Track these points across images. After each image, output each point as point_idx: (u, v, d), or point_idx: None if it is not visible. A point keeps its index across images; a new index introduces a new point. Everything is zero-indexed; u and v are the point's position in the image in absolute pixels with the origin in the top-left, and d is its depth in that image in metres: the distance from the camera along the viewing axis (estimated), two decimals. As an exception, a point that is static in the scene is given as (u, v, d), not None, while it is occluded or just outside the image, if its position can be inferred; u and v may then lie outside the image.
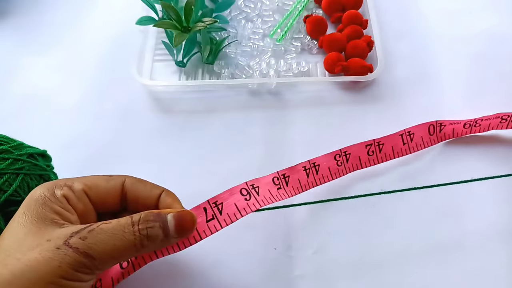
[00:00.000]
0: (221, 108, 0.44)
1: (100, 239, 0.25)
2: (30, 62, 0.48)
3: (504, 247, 0.35)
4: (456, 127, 0.40)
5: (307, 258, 0.35)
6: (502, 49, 0.47)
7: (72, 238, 0.25)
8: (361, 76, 0.43)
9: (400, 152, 0.39)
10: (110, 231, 0.25)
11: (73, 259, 0.24)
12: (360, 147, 0.38)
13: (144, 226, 0.26)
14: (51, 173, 0.35)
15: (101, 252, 0.25)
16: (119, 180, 0.29)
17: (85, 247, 0.24)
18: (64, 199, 0.27)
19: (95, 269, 0.25)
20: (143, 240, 0.26)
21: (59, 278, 0.24)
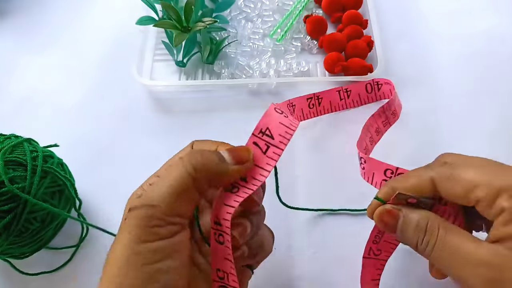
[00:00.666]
0: (221, 108, 0.44)
1: (153, 188, 0.24)
2: (30, 62, 0.48)
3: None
4: (391, 87, 0.41)
5: (307, 258, 0.35)
6: (502, 49, 0.47)
7: (131, 203, 0.23)
8: (361, 76, 0.43)
9: (338, 106, 0.41)
10: (161, 177, 0.24)
11: (137, 217, 0.22)
12: (301, 100, 0.39)
13: (192, 156, 0.25)
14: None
15: (160, 196, 0.23)
16: (187, 148, 0.29)
17: (144, 200, 0.23)
18: (140, 189, 0.25)
19: (165, 217, 0.23)
20: (195, 166, 0.24)
21: (137, 245, 0.22)
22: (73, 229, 0.37)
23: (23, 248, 0.33)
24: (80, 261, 0.36)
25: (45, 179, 0.32)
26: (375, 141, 0.38)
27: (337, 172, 0.40)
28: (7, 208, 0.30)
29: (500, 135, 0.41)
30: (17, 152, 0.32)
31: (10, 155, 0.32)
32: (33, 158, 0.32)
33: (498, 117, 0.42)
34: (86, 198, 0.38)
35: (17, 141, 0.33)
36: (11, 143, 0.32)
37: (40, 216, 0.32)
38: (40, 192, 0.32)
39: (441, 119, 0.42)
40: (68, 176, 0.35)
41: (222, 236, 0.25)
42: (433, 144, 0.41)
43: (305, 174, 0.40)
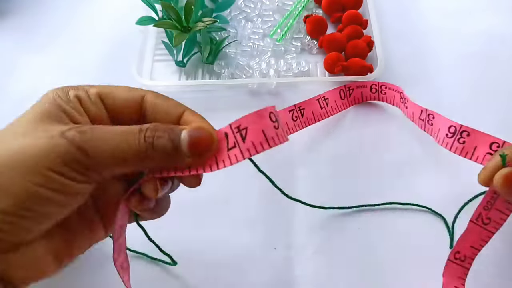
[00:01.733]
0: (221, 108, 0.44)
1: (99, 137, 0.22)
2: (30, 62, 0.48)
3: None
4: (364, 90, 0.43)
5: (307, 258, 0.35)
6: (502, 49, 0.47)
7: (70, 131, 0.22)
8: (361, 76, 0.43)
9: (319, 116, 0.41)
10: (113, 131, 0.23)
11: (65, 150, 0.21)
12: (284, 113, 0.39)
13: (151, 134, 0.23)
14: None
15: (98, 149, 0.22)
16: (140, 92, 0.26)
17: (81, 141, 0.22)
18: (76, 100, 0.25)
19: (88, 169, 0.22)
20: (148, 148, 0.23)
21: (47, 170, 0.21)
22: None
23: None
24: (79, 262, 0.36)
25: None
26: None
27: (336, 171, 0.40)
28: None
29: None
30: None
31: None
32: None
33: (498, 117, 0.42)
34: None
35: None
36: None
37: None
38: None
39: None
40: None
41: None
42: (433, 144, 0.41)
43: (304, 174, 0.40)
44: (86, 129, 0.22)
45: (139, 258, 0.35)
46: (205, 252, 0.35)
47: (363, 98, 0.43)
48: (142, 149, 0.23)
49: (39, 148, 0.21)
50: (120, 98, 0.26)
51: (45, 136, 0.22)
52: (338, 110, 0.42)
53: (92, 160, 0.22)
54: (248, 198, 0.38)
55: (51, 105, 0.24)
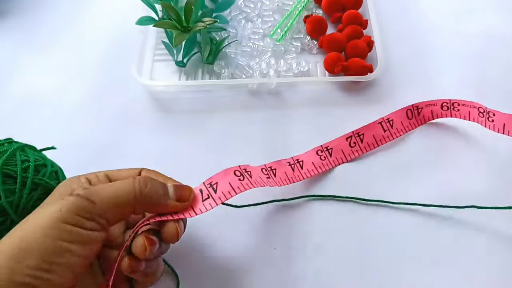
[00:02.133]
0: (221, 108, 0.44)
1: (102, 188, 0.27)
2: (30, 62, 0.48)
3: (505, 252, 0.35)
4: (434, 108, 0.41)
5: (307, 258, 0.35)
6: (502, 49, 0.47)
7: (76, 190, 0.26)
8: (361, 76, 0.43)
9: (383, 139, 0.40)
10: (113, 183, 0.28)
11: (73, 202, 0.25)
12: (341, 140, 0.39)
13: (144, 180, 0.28)
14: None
15: (102, 197, 0.26)
16: (137, 169, 0.32)
17: (87, 193, 0.26)
18: (85, 180, 0.29)
19: (96, 215, 0.26)
20: (142, 190, 0.27)
21: (62, 223, 0.24)
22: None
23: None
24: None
25: (36, 191, 0.31)
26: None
27: (337, 171, 0.40)
28: None
29: (500, 135, 0.41)
30: (8, 162, 0.31)
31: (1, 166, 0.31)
32: (24, 169, 0.31)
33: (498, 117, 0.42)
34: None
35: (11, 151, 0.32)
36: (5, 153, 0.31)
37: None
38: (29, 205, 0.31)
39: (441, 119, 0.42)
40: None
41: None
42: (433, 144, 0.41)
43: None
44: (88, 186, 0.27)
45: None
46: (205, 252, 0.35)
47: (433, 116, 0.41)
48: (137, 191, 0.27)
49: (53, 208, 0.25)
50: (123, 175, 0.31)
51: (56, 200, 0.26)
52: (405, 131, 0.40)
53: (98, 206, 0.26)
54: (248, 198, 0.38)
55: (64, 188, 0.28)
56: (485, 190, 0.38)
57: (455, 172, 0.39)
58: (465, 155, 0.40)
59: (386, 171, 0.39)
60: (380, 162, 0.40)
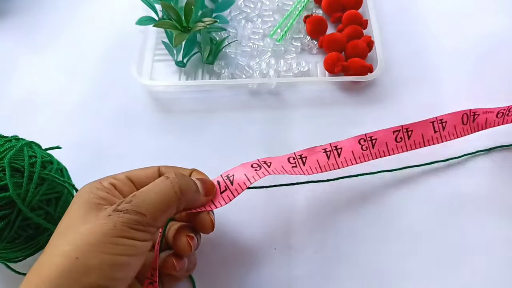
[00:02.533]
0: (221, 108, 0.44)
1: (144, 197, 0.27)
2: (30, 62, 0.48)
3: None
4: (489, 116, 0.38)
5: (307, 258, 0.35)
6: (502, 49, 0.47)
7: (120, 205, 0.26)
8: (361, 76, 0.43)
9: (431, 140, 0.37)
10: (150, 189, 0.28)
11: (126, 218, 0.26)
12: (387, 133, 0.37)
13: (179, 179, 0.29)
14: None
15: (149, 207, 0.27)
16: (155, 167, 0.32)
17: (133, 206, 0.26)
18: (110, 186, 0.29)
19: (147, 225, 0.26)
20: (182, 189, 0.28)
21: (117, 237, 0.25)
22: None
23: (16, 253, 0.33)
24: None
25: (42, 186, 0.32)
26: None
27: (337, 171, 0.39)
28: (1, 214, 0.30)
29: (499, 135, 0.41)
30: (16, 157, 0.32)
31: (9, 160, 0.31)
32: (31, 164, 0.32)
33: None
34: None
35: (19, 146, 0.32)
36: (13, 148, 0.32)
37: (34, 223, 0.32)
38: (36, 199, 0.31)
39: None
40: (67, 182, 0.34)
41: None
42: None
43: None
44: (130, 198, 0.27)
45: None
46: (205, 253, 0.35)
47: (487, 125, 0.38)
48: (177, 190, 0.28)
49: (104, 226, 0.25)
50: (142, 175, 0.31)
51: (103, 217, 0.26)
52: (457, 136, 0.38)
53: (148, 216, 0.26)
54: (248, 198, 0.38)
55: (90, 194, 0.28)
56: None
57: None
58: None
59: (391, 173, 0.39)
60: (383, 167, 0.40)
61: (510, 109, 0.37)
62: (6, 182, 0.30)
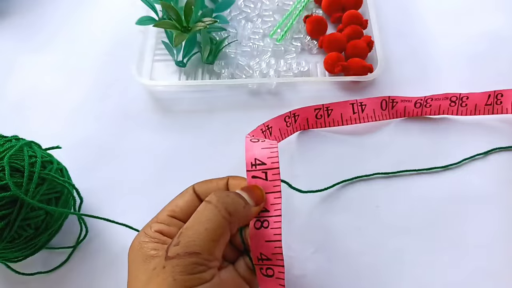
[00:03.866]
0: (221, 108, 0.44)
1: (191, 234, 0.25)
2: (30, 62, 0.48)
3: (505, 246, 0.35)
4: (408, 105, 0.41)
5: (307, 258, 0.35)
6: (502, 49, 0.47)
7: (169, 251, 0.24)
8: (361, 76, 0.43)
9: (350, 120, 0.40)
10: (195, 222, 0.25)
11: (182, 265, 0.24)
12: (308, 110, 0.39)
13: (221, 199, 0.26)
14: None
15: (200, 242, 0.24)
16: (189, 190, 0.30)
17: (184, 248, 0.24)
18: (156, 234, 0.27)
19: (207, 262, 0.24)
20: (230, 211, 0.26)
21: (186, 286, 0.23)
22: (72, 229, 0.37)
23: (16, 253, 0.33)
24: (77, 263, 0.36)
25: (42, 186, 0.32)
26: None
27: (337, 171, 0.40)
28: (1, 214, 0.30)
29: (500, 135, 0.41)
30: (16, 157, 0.32)
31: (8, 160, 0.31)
32: (31, 164, 0.32)
33: (498, 117, 0.42)
34: (86, 198, 0.38)
35: (18, 146, 0.32)
36: (13, 147, 0.32)
37: (34, 223, 0.32)
38: (36, 199, 0.31)
39: (441, 118, 0.42)
40: (67, 182, 0.34)
41: (271, 269, 0.27)
42: (433, 144, 0.41)
43: (304, 173, 0.40)
44: (176, 240, 0.25)
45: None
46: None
47: (405, 113, 0.41)
48: (224, 214, 0.26)
49: (164, 283, 0.23)
50: (182, 205, 0.29)
51: (159, 272, 0.24)
52: (374, 119, 0.41)
53: (203, 253, 0.24)
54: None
55: (142, 249, 0.26)
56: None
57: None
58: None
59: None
60: (383, 165, 0.40)
61: (427, 100, 0.40)
62: (6, 181, 0.30)
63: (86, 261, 0.36)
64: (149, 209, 0.30)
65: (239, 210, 0.26)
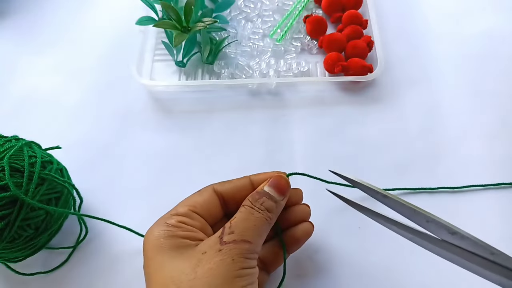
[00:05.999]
0: (221, 108, 0.44)
1: (243, 227, 0.28)
2: (30, 62, 0.48)
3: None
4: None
5: (307, 258, 0.35)
6: (502, 49, 0.47)
7: (224, 237, 0.27)
8: (361, 76, 0.43)
9: None
10: (243, 219, 0.28)
11: (239, 249, 0.26)
12: None
13: (258, 204, 0.29)
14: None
15: (251, 235, 0.27)
16: (208, 189, 0.31)
17: (239, 236, 0.27)
18: (182, 224, 0.29)
19: (255, 252, 0.27)
20: (267, 212, 0.29)
21: (239, 270, 0.26)
22: (72, 229, 0.37)
23: (16, 253, 0.33)
24: (77, 263, 0.36)
25: (42, 186, 0.32)
26: None
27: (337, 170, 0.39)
28: (1, 214, 0.30)
29: (500, 135, 0.41)
30: (16, 157, 0.32)
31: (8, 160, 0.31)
32: (31, 164, 0.32)
33: (498, 117, 0.42)
34: (86, 198, 0.38)
35: (18, 146, 0.32)
36: (13, 147, 0.32)
37: (34, 224, 0.32)
38: (36, 199, 0.31)
39: (441, 119, 0.42)
40: (67, 182, 0.34)
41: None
42: (433, 144, 0.41)
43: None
44: (229, 230, 0.27)
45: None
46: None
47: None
48: (266, 216, 0.29)
49: (224, 264, 0.26)
50: (202, 202, 0.30)
51: (215, 254, 0.26)
52: None
53: (253, 244, 0.27)
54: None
55: (171, 239, 0.28)
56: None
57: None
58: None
59: (388, 172, 0.39)
60: (383, 163, 0.40)
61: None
62: (6, 182, 0.30)
63: (86, 261, 0.36)
64: (149, 208, 0.30)
65: (273, 210, 0.29)
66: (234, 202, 0.31)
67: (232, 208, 0.31)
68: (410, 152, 0.40)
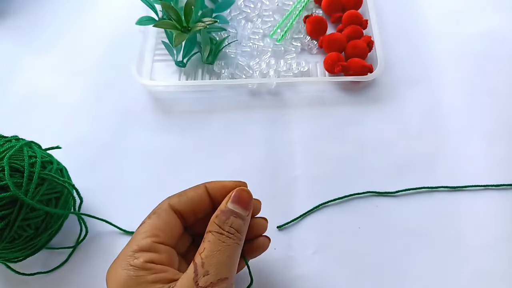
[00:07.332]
0: (221, 108, 0.44)
1: (217, 262, 0.26)
2: (30, 62, 0.48)
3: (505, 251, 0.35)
4: None
5: (307, 258, 0.35)
6: (502, 49, 0.47)
7: (199, 281, 0.25)
8: (361, 76, 0.43)
9: None
10: (215, 251, 0.26)
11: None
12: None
13: (227, 227, 0.28)
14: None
15: (228, 270, 0.26)
16: (165, 207, 0.30)
17: (215, 276, 0.25)
18: (150, 265, 0.26)
19: (233, 283, 0.27)
20: (238, 233, 0.28)
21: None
22: (72, 229, 0.37)
23: (16, 253, 0.33)
24: (77, 263, 0.36)
25: (42, 186, 0.32)
26: None
27: (336, 170, 0.40)
28: (1, 214, 0.30)
29: (500, 135, 0.41)
30: (16, 157, 0.32)
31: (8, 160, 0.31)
32: (31, 164, 0.32)
33: (498, 117, 0.42)
34: (86, 198, 0.38)
35: (18, 146, 0.32)
36: (13, 148, 0.32)
37: (34, 224, 0.32)
38: (36, 199, 0.31)
39: (441, 119, 0.42)
40: (67, 182, 0.34)
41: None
42: (433, 144, 0.41)
43: (304, 173, 0.40)
44: (204, 270, 0.26)
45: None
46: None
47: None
48: (237, 239, 0.28)
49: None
50: (166, 228, 0.29)
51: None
52: None
53: (230, 278, 0.26)
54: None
55: (137, 286, 0.25)
56: None
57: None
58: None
59: (388, 172, 0.39)
60: (383, 164, 0.40)
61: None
62: (6, 182, 0.30)
63: (86, 261, 0.36)
64: (149, 208, 0.30)
65: (242, 228, 0.28)
66: (193, 216, 0.30)
67: (191, 221, 0.30)
68: (410, 152, 0.40)
